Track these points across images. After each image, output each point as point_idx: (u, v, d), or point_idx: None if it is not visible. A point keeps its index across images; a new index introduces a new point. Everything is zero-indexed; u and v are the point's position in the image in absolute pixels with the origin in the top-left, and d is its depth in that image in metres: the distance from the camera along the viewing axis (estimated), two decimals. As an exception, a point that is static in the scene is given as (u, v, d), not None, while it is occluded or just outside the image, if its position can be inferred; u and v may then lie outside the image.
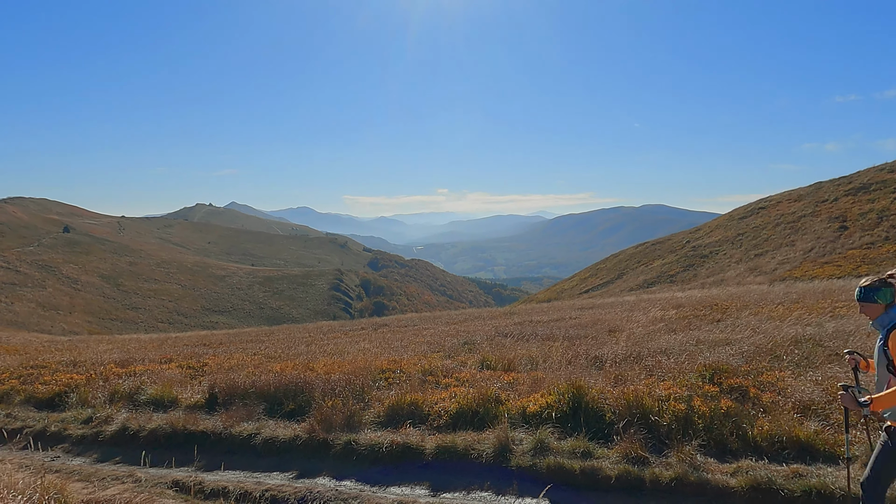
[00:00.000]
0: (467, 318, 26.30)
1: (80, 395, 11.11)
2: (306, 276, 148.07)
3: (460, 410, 7.88)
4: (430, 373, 10.36)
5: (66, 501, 5.10)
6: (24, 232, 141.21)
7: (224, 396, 9.72)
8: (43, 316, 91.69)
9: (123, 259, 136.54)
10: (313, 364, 11.46)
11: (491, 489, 6.22)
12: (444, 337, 17.06)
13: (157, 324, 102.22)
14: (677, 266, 54.07)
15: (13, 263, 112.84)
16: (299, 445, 7.75)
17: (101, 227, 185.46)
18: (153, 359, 15.17)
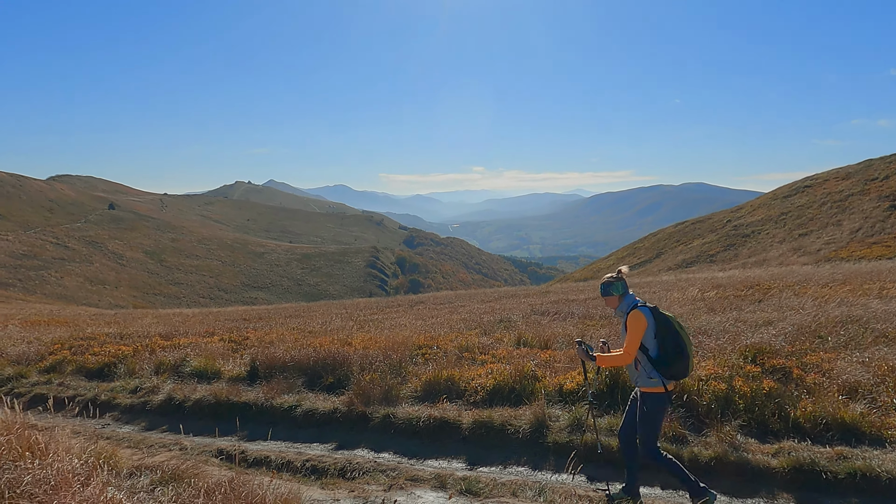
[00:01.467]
0: (503, 297, 26.32)
1: (128, 366, 11.51)
2: (343, 254, 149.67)
3: (497, 386, 7.92)
4: (467, 349, 10.42)
5: (119, 466, 5.30)
6: (72, 209, 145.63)
7: (265, 369, 9.95)
8: (90, 290, 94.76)
9: (166, 236, 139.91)
10: (351, 339, 11.63)
11: (527, 464, 6.26)
12: (480, 314, 17.12)
13: (199, 299, 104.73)
14: (717, 246, 53.05)
15: (62, 239, 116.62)
16: (338, 418, 7.91)
17: (144, 205, 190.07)
18: (196, 332, 15.58)
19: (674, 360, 4.81)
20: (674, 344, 4.82)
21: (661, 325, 4.87)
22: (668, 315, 4.92)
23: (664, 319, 4.88)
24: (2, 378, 11.97)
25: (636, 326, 4.85)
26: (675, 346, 4.81)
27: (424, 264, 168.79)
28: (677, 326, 4.88)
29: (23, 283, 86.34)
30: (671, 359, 4.82)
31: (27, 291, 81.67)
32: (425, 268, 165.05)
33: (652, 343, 4.87)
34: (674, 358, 4.81)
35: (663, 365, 4.84)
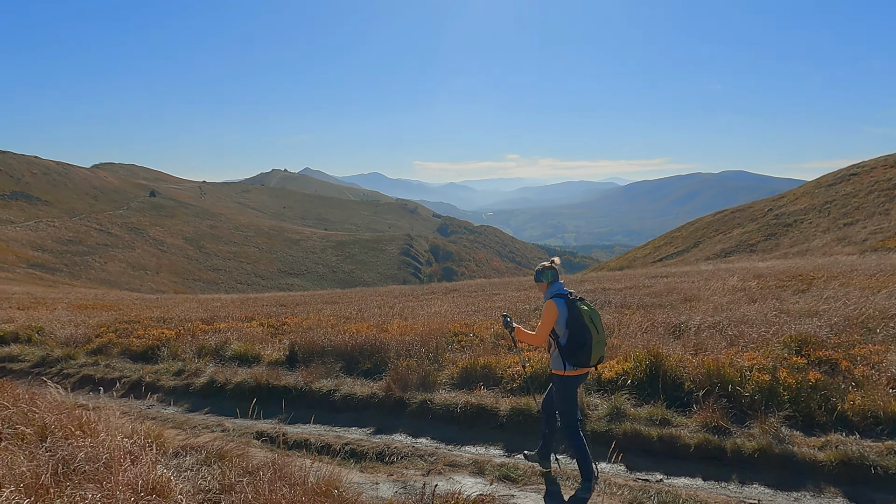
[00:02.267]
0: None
1: (171, 349, 11.79)
2: (377, 241, 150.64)
3: (534, 374, 7.90)
4: (503, 337, 10.41)
5: (165, 445, 5.44)
6: (115, 196, 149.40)
7: (303, 354, 10.09)
8: (133, 275, 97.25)
9: (205, 222, 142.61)
10: (387, 326, 11.72)
11: (566, 452, 6.23)
12: (515, 302, 17.05)
13: (237, 285, 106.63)
14: (758, 235, 51.85)
15: (105, 226, 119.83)
16: (376, 403, 7.98)
17: (184, 192, 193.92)
18: (235, 317, 15.87)
19: (577, 350, 5.16)
20: (580, 335, 5.16)
21: (572, 316, 5.21)
22: (583, 308, 5.23)
23: (577, 312, 5.21)
24: (51, 359, 12.39)
25: (547, 314, 5.30)
26: (580, 337, 5.16)
27: (458, 252, 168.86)
28: (588, 320, 5.20)
29: (69, 268, 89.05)
30: (575, 348, 5.17)
31: (73, 276, 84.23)
32: (459, 256, 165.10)
33: (563, 331, 5.24)
34: (577, 347, 5.16)
35: (569, 352, 5.20)
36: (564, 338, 5.23)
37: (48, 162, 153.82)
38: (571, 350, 5.19)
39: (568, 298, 5.27)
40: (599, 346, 5.23)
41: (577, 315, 5.20)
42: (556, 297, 5.31)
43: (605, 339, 5.47)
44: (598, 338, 5.22)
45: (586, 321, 5.20)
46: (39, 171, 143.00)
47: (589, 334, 5.17)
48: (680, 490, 5.12)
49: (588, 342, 5.15)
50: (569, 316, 5.20)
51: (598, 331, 5.24)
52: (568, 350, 5.21)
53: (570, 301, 5.25)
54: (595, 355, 5.22)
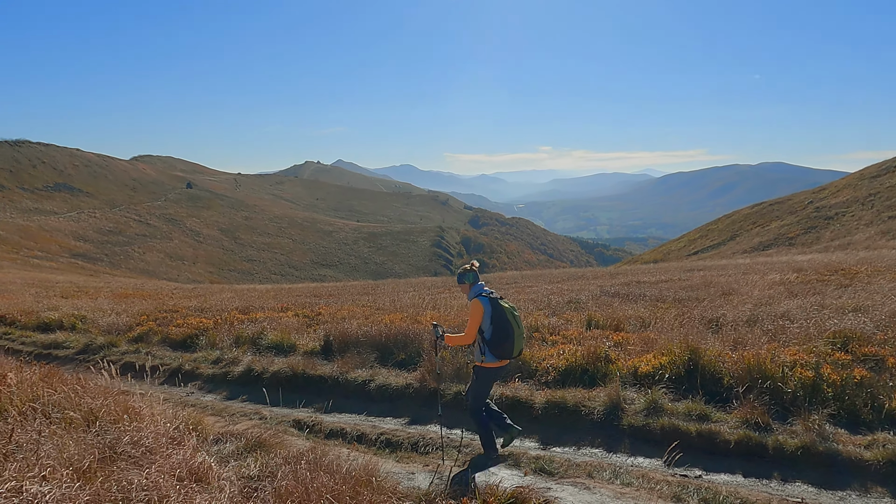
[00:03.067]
0: (570, 278, 25.99)
1: (209, 338, 12.01)
2: (409, 233, 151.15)
3: (569, 367, 7.84)
4: (536, 329, 10.35)
5: (205, 432, 5.55)
6: (153, 187, 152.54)
7: (338, 344, 10.18)
8: (170, 265, 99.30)
9: (240, 214, 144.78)
10: (420, 317, 11.74)
11: (602, 446, 6.18)
12: (548, 295, 16.95)
13: (271, 275, 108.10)
14: (797, 228, 50.62)
15: (144, 217, 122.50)
16: (410, 393, 8.02)
17: (219, 184, 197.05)
18: (271, 307, 16.08)
19: (501, 342, 5.66)
20: (503, 330, 5.66)
21: (496, 313, 5.70)
22: (504, 306, 5.74)
23: (500, 309, 5.71)
24: (95, 346, 12.73)
25: (475, 313, 5.74)
26: (503, 332, 5.66)
27: (489, 244, 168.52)
28: (510, 316, 5.71)
29: (109, 258, 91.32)
30: (499, 341, 5.66)
31: (113, 266, 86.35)
32: (490, 248, 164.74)
33: (488, 327, 5.71)
34: (502, 340, 5.66)
35: (493, 345, 5.69)
36: (489, 333, 5.70)
37: (89, 154, 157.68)
38: (496, 343, 5.68)
39: (490, 297, 5.79)
40: (520, 340, 5.76)
41: (500, 312, 5.69)
42: (480, 297, 5.78)
43: (524, 334, 5.98)
44: (519, 332, 5.74)
45: (508, 317, 5.70)
46: (81, 164, 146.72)
47: (511, 329, 5.68)
48: (720, 487, 5.03)
49: (511, 336, 5.67)
50: (493, 313, 5.70)
51: (519, 326, 5.75)
52: (493, 343, 5.69)
53: (492, 300, 5.77)
54: (516, 347, 5.76)
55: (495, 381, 6.10)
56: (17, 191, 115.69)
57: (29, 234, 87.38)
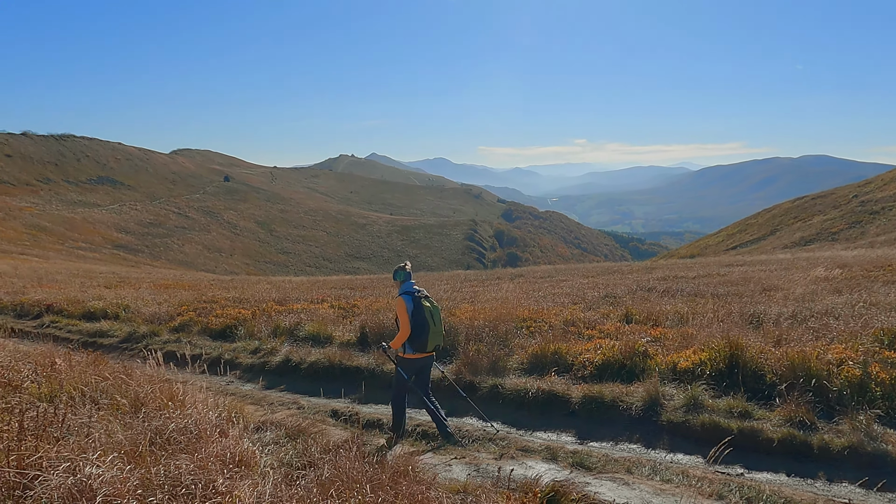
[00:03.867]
0: (605, 272, 25.74)
1: (248, 329, 12.22)
2: (441, 226, 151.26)
3: (606, 362, 7.78)
4: (572, 323, 10.28)
5: (247, 419, 5.65)
6: (192, 181, 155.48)
7: (374, 336, 10.26)
8: (208, 257, 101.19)
9: (276, 207, 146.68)
10: (455, 310, 11.75)
11: (640, 442, 6.12)
12: (583, 289, 16.82)
13: (305, 267, 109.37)
14: (841, 223, 49.22)
15: (183, 209, 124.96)
16: (446, 386, 8.04)
17: (256, 177, 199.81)
18: (307, 299, 16.28)
19: (419, 337, 6.17)
20: (420, 326, 6.17)
21: (416, 310, 6.20)
22: (426, 305, 6.25)
23: (420, 307, 6.22)
24: (138, 335, 13.06)
25: (399, 308, 6.28)
26: (420, 328, 6.17)
27: (522, 238, 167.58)
28: (428, 314, 6.21)
29: (150, 250, 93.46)
30: (417, 336, 6.17)
31: (153, 257, 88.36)
32: (523, 241, 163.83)
33: (415, 321, 6.19)
34: (419, 335, 6.16)
35: (412, 340, 6.20)
36: (413, 328, 6.20)
37: (131, 148, 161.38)
38: (414, 337, 6.19)
39: (414, 296, 6.30)
40: (436, 336, 6.29)
41: (420, 310, 6.21)
42: (404, 294, 6.33)
43: (442, 331, 6.49)
44: (435, 329, 6.25)
45: (426, 315, 6.21)
46: (123, 157, 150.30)
47: (427, 326, 6.19)
48: (763, 485, 4.94)
49: (426, 332, 6.18)
50: (413, 310, 6.21)
51: (436, 323, 6.26)
52: (411, 337, 6.21)
53: (415, 298, 6.28)
54: (431, 343, 6.27)
55: (421, 370, 6.53)
56: (63, 183, 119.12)
57: (73, 226, 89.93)
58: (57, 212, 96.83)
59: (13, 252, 50.93)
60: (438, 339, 6.36)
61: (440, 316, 6.41)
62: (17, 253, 51.06)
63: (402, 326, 6.23)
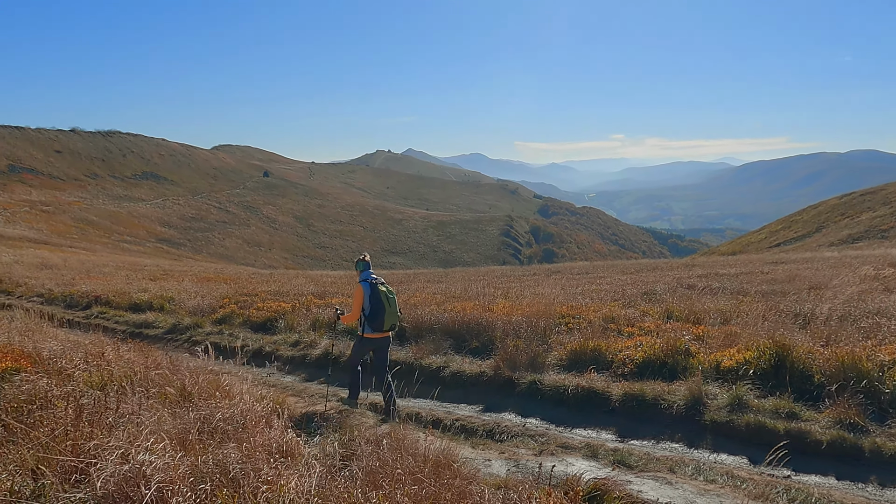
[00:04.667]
0: (643, 269, 25.40)
1: (288, 322, 12.40)
2: (477, 222, 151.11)
3: (647, 360, 7.68)
4: (612, 320, 10.17)
5: (290, 410, 5.74)
6: (232, 176, 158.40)
7: (411, 330, 10.32)
8: (248, 251, 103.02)
9: (313, 202, 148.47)
10: (492, 306, 11.73)
11: (682, 441, 6.03)
12: (622, 286, 16.62)
13: (342, 262, 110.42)
14: (891, 220, 47.56)
15: (224, 204, 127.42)
16: (484, 381, 8.05)
17: (294, 172, 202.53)
18: (345, 293, 16.43)
19: (375, 318, 7.06)
20: (376, 308, 7.07)
21: (373, 295, 7.08)
22: (381, 290, 7.09)
23: (377, 292, 7.09)
24: (182, 327, 13.38)
25: (356, 295, 7.20)
26: (376, 310, 7.07)
27: (559, 234, 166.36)
28: (383, 298, 7.08)
29: (191, 244, 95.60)
30: (374, 317, 7.07)
31: (195, 251, 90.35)
32: (560, 237, 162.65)
33: (367, 306, 7.09)
34: (375, 316, 7.06)
35: (370, 320, 7.09)
36: (368, 310, 7.09)
37: (174, 144, 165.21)
38: (372, 318, 7.07)
39: (371, 283, 7.16)
40: (391, 316, 7.12)
41: (376, 294, 7.08)
42: (362, 282, 7.20)
43: (397, 312, 7.27)
44: (390, 310, 7.10)
45: (381, 298, 7.07)
46: (166, 153, 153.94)
47: (383, 307, 7.05)
48: (811, 488, 4.82)
49: (382, 313, 7.06)
50: (371, 294, 7.08)
51: (390, 305, 7.11)
52: (370, 318, 7.08)
53: (372, 285, 7.14)
54: (387, 322, 7.13)
55: (371, 349, 7.42)
56: (109, 179, 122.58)
57: (119, 220, 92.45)
58: (103, 206, 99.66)
59: (63, 245, 52.63)
60: (393, 318, 7.18)
61: (395, 299, 7.24)
62: (66, 246, 52.74)
63: (354, 308, 7.20)
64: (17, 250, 37.82)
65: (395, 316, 7.21)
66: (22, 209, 77.02)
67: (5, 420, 4.20)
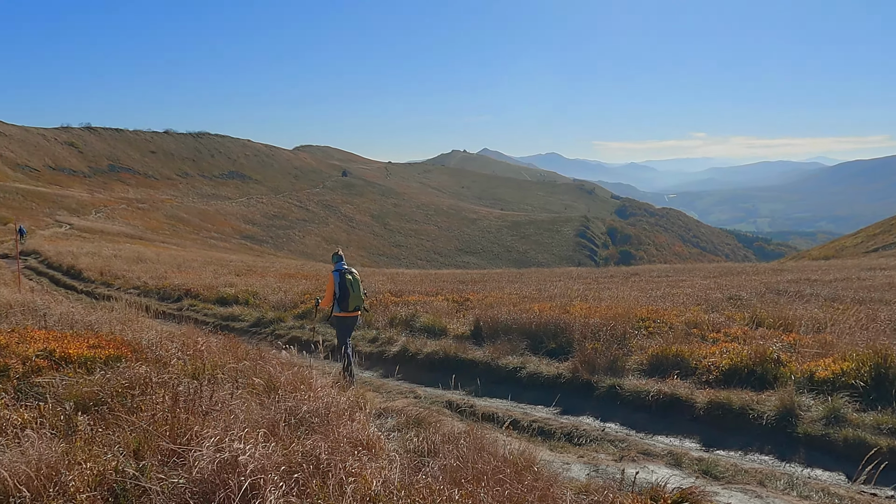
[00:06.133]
0: (727, 272, 24.44)
1: (366, 318, 12.64)
2: (552, 222, 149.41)
3: (733, 367, 7.37)
4: (695, 325, 9.83)
5: (370, 405, 5.86)
6: (312, 176, 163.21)
7: (488, 330, 10.31)
8: (326, 248, 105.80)
9: (389, 201, 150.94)
10: (569, 307, 11.58)
11: (772, 454, 5.76)
12: (705, 290, 16.05)
13: (417, 260, 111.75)
14: None
15: (304, 203, 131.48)
16: (562, 383, 7.95)
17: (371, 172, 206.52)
18: (421, 291, 16.63)
19: (343, 300, 8.76)
20: (343, 293, 8.74)
21: (341, 282, 8.72)
22: (348, 278, 8.75)
23: (344, 279, 8.73)
24: (265, 321, 13.90)
25: (329, 283, 8.89)
26: (343, 294, 8.74)
27: (637, 235, 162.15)
28: (348, 284, 8.72)
29: (273, 241, 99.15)
30: (342, 299, 8.77)
31: (276, 248, 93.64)
32: (637, 239, 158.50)
33: (339, 291, 8.75)
34: (343, 299, 8.76)
35: (340, 301, 8.79)
36: (338, 294, 8.75)
37: (258, 145, 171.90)
38: (341, 300, 8.77)
39: (341, 272, 8.81)
40: (356, 299, 8.80)
41: (343, 281, 8.73)
42: (334, 272, 8.84)
43: (361, 296, 8.90)
44: (354, 294, 8.75)
45: (347, 285, 8.72)
46: (251, 153, 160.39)
47: (349, 292, 8.72)
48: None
49: (348, 297, 8.73)
50: (340, 282, 8.74)
51: (354, 290, 8.76)
52: (339, 300, 8.78)
53: (341, 273, 8.80)
54: (352, 304, 8.80)
55: (349, 327, 9.05)
56: (198, 177, 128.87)
57: (207, 217, 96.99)
58: (193, 204, 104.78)
59: (156, 240, 55.69)
60: (358, 301, 8.86)
61: (359, 286, 8.88)
62: (158, 241, 55.77)
63: (327, 293, 8.90)
64: (116, 245, 40.27)
65: (359, 299, 8.85)
66: (120, 206, 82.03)
67: (111, 404, 4.48)
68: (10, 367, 5.60)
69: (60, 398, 4.73)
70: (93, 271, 24.05)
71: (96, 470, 3.47)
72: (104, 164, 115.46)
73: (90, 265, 25.43)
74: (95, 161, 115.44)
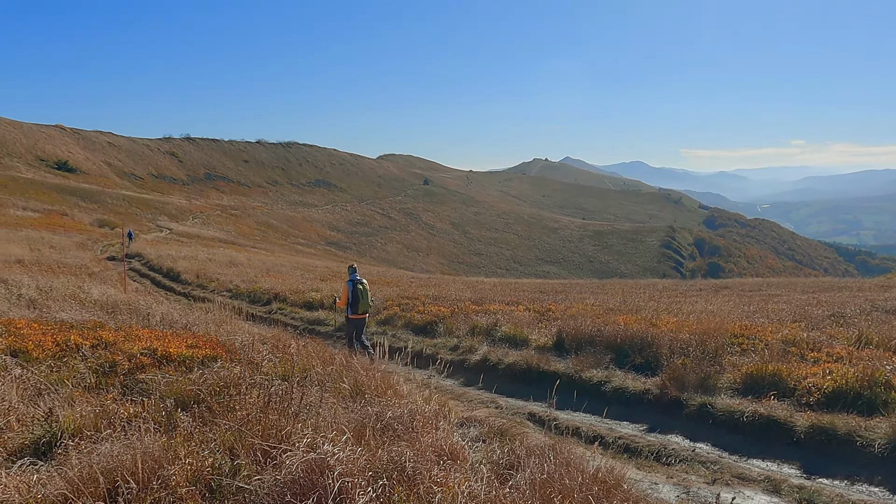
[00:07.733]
0: (826, 288, 22.99)
1: (447, 326, 12.72)
2: (636, 232, 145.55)
3: (837, 389, 6.90)
4: (793, 343, 9.29)
5: (453, 414, 5.86)
6: (395, 184, 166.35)
7: (570, 341, 10.12)
8: (407, 256, 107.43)
9: (470, 209, 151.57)
10: (656, 320, 11.21)
11: (883, 485, 5.35)
12: (802, 305, 15.14)
13: (496, 269, 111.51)
14: None
15: (386, 211, 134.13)
16: (649, 400, 7.69)
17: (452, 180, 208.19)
18: (501, 300, 16.52)
19: (354, 304, 10.67)
20: (354, 299, 10.63)
21: (353, 290, 10.60)
22: (359, 287, 10.68)
23: (355, 288, 10.62)
24: (349, 326, 14.21)
25: (343, 290, 10.78)
26: (354, 300, 10.64)
27: (726, 247, 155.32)
28: (358, 292, 10.63)
29: (356, 247, 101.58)
30: (353, 304, 10.67)
31: (359, 254, 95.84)
32: (727, 251, 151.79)
33: (351, 297, 10.62)
34: (354, 304, 10.67)
35: (351, 306, 10.69)
36: (351, 300, 10.60)
37: (344, 154, 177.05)
38: (352, 305, 10.65)
39: (353, 282, 10.69)
40: (364, 304, 10.72)
41: (355, 290, 10.61)
42: (348, 282, 10.71)
43: (369, 302, 10.91)
44: (363, 301, 10.65)
45: (357, 293, 10.61)
46: (337, 162, 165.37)
47: (359, 299, 10.61)
48: None
49: (358, 302, 10.62)
50: (353, 290, 10.61)
51: (363, 297, 10.66)
52: (351, 305, 10.65)
53: (353, 283, 10.65)
54: (361, 308, 10.72)
55: (358, 326, 10.92)
56: (287, 186, 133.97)
57: (294, 224, 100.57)
58: (282, 211, 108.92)
59: (247, 246, 58.18)
60: (366, 306, 10.81)
61: (367, 293, 10.80)
62: (249, 246, 58.25)
63: (343, 298, 10.78)
64: (211, 249, 42.34)
65: (367, 304, 10.81)
66: (215, 212, 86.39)
67: (209, 402, 4.69)
68: (118, 363, 5.98)
69: (162, 394, 5.00)
70: (189, 274, 25.39)
71: (195, 465, 3.62)
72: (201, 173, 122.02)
73: (187, 268, 26.86)
74: (193, 170, 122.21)
